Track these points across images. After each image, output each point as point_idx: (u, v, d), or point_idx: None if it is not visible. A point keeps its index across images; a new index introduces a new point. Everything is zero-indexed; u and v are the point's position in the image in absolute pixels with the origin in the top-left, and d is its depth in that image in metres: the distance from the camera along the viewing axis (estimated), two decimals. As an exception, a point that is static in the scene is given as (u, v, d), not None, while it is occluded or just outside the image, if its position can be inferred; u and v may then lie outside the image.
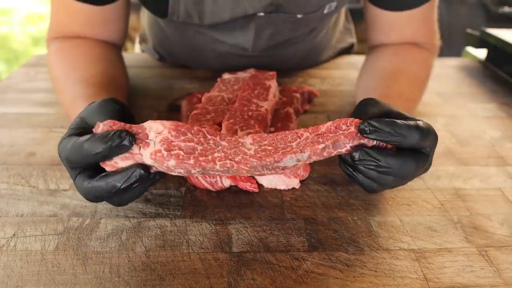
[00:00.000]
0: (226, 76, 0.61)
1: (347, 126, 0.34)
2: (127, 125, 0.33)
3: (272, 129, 0.50)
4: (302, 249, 0.37)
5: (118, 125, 0.33)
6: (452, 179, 0.47)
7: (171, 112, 0.60)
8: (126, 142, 0.31)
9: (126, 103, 0.53)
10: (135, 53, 0.93)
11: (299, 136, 0.35)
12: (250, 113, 0.48)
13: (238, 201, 0.42)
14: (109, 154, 0.32)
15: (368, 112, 0.37)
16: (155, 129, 0.33)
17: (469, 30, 0.89)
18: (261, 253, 0.36)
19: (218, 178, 0.43)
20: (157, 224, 0.39)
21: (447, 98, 0.68)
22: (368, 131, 0.33)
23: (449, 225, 0.40)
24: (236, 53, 0.68)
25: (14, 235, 0.37)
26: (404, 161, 0.34)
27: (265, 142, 0.34)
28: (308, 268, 0.35)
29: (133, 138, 0.32)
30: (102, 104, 0.37)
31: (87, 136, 0.32)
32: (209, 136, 0.33)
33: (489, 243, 0.38)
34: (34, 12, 3.50)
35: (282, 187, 0.44)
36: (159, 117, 0.59)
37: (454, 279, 0.34)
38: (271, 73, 0.60)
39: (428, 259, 0.36)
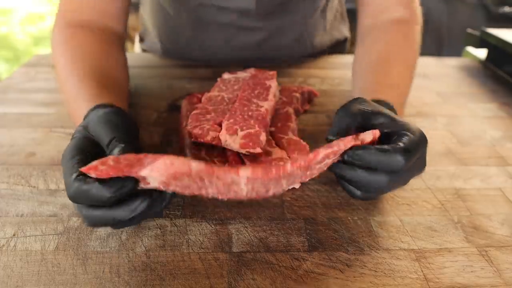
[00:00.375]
0: (226, 76, 0.61)
1: (334, 156, 0.34)
2: (126, 168, 0.31)
3: (273, 129, 0.50)
4: (302, 249, 0.37)
5: (116, 169, 0.30)
6: (452, 179, 0.47)
7: (171, 112, 0.60)
8: (132, 188, 0.31)
9: (127, 101, 0.54)
10: (135, 53, 0.93)
11: (290, 174, 0.33)
12: (250, 113, 0.48)
13: (238, 201, 0.42)
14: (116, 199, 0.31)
15: (356, 112, 0.37)
16: (154, 176, 0.31)
17: (469, 30, 0.89)
18: (261, 253, 0.36)
19: None
20: (157, 224, 0.39)
21: (447, 98, 0.68)
22: (352, 163, 0.34)
23: (449, 225, 0.40)
24: (238, 25, 0.71)
25: (14, 235, 0.37)
26: (373, 175, 0.34)
27: (259, 184, 0.33)
28: (308, 268, 0.35)
29: (137, 183, 0.31)
30: (104, 118, 0.37)
31: (92, 185, 0.31)
32: (206, 179, 0.32)
33: (489, 243, 0.38)
34: (34, 12, 3.51)
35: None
36: (159, 117, 0.59)
37: (454, 279, 0.34)
38: (271, 73, 0.60)
39: (428, 259, 0.36)
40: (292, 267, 0.35)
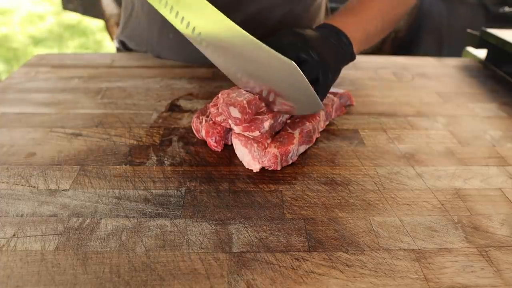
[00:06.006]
0: None
1: None
2: None
3: (288, 121, 0.51)
4: (302, 249, 0.37)
5: None
6: (453, 179, 0.47)
7: (171, 112, 0.60)
8: None
9: None
10: (135, 53, 0.93)
11: None
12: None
13: (238, 201, 0.42)
14: None
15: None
16: None
17: (469, 30, 0.89)
18: (261, 253, 0.36)
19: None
20: (157, 224, 0.39)
21: (448, 98, 0.68)
22: None
23: (449, 225, 0.40)
24: None
25: (14, 235, 0.37)
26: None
27: None
28: (308, 268, 0.35)
29: None
30: None
31: None
32: None
33: (489, 243, 0.38)
34: (34, 12, 3.51)
35: (244, 163, 0.47)
36: (159, 117, 0.59)
37: (454, 279, 0.34)
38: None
39: (428, 259, 0.36)
40: (292, 267, 0.35)
